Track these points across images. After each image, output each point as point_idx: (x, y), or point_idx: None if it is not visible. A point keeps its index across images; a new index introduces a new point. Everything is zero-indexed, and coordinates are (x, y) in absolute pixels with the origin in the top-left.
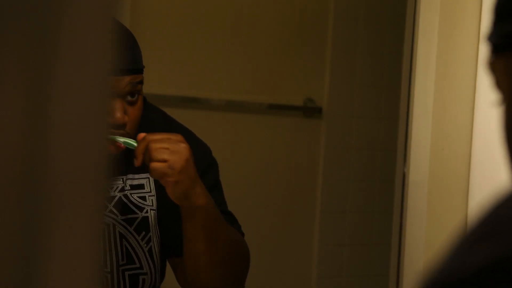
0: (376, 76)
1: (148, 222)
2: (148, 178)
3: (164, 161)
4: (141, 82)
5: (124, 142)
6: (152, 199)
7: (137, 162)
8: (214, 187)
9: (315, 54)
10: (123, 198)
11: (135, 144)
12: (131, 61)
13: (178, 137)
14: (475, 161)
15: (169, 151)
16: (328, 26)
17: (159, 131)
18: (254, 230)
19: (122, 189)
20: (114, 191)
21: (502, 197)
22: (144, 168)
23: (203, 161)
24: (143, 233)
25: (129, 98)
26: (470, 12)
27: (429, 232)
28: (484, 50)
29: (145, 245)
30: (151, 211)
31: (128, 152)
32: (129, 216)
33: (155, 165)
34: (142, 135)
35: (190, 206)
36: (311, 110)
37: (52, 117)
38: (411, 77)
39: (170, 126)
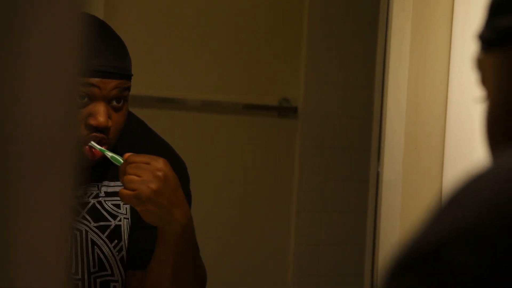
0: (351, 75)
1: (121, 231)
2: None
3: (133, 189)
4: (128, 89)
5: (112, 157)
6: (126, 208)
7: (121, 180)
8: None
9: (290, 54)
10: (97, 205)
11: (121, 161)
12: (120, 66)
13: (159, 163)
14: (448, 160)
15: (139, 180)
16: (303, 26)
17: (136, 142)
18: (231, 230)
19: (97, 196)
20: (88, 197)
21: (468, 177)
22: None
23: None
24: (116, 241)
25: (114, 103)
26: (442, 11)
27: (402, 231)
28: (456, 49)
29: (117, 253)
30: (125, 219)
31: (105, 159)
32: (102, 223)
33: (122, 192)
34: (127, 155)
35: (163, 231)
36: (286, 110)
37: (19, 113)
38: (384, 76)
39: (147, 138)
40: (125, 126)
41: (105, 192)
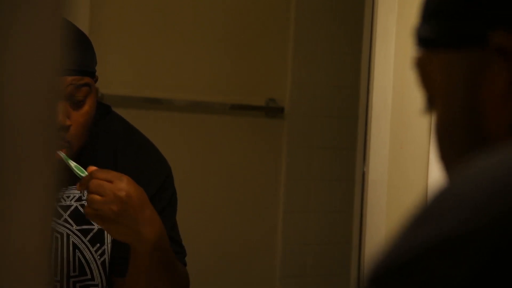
0: (337, 76)
1: (104, 235)
2: None
3: (95, 209)
4: (86, 85)
5: (76, 166)
6: None
7: (79, 189)
8: (163, 210)
9: (277, 54)
10: (79, 208)
11: (82, 175)
12: (74, 62)
13: (122, 182)
14: (433, 160)
15: (101, 200)
16: (290, 26)
17: (125, 145)
18: (218, 230)
19: (79, 199)
20: (71, 201)
21: (448, 182)
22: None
23: (155, 182)
24: (98, 245)
25: (74, 100)
26: None
27: (388, 230)
28: None
29: (99, 257)
30: None
31: (88, 161)
32: (85, 227)
33: (86, 210)
34: (91, 168)
35: (133, 248)
36: (273, 110)
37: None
38: (370, 76)
39: (130, 139)
40: (108, 128)
41: None
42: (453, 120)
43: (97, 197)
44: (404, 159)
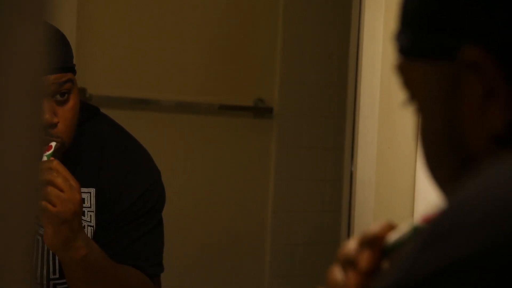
0: (326, 76)
1: None
2: (90, 193)
3: (54, 205)
4: (69, 81)
5: (47, 155)
6: (91, 215)
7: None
8: (140, 217)
9: (265, 54)
10: None
11: (45, 158)
12: (55, 60)
13: (77, 185)
14: (421, 160)
15: (64, 197)
16: (278, 27)
17: (111, 146)
18: (206, 230)
19: None
20: None
21: (451, 200)
22: (86, 182)
23: (138, 189)
24: None
25: (58, 97)
26: None
27: None
28: None
29: None
30: (89, 227)
31: (70, 164)
32: None
33: (43, 204)
34: (55, 163)
35: (63, 261)
36: (261, 111)
37: None
38: (357, 76)
39: (120, 142)
40: (98, 130)
41: None
42: (435, 135)
43: (58, 191)
44: (392, 159)
